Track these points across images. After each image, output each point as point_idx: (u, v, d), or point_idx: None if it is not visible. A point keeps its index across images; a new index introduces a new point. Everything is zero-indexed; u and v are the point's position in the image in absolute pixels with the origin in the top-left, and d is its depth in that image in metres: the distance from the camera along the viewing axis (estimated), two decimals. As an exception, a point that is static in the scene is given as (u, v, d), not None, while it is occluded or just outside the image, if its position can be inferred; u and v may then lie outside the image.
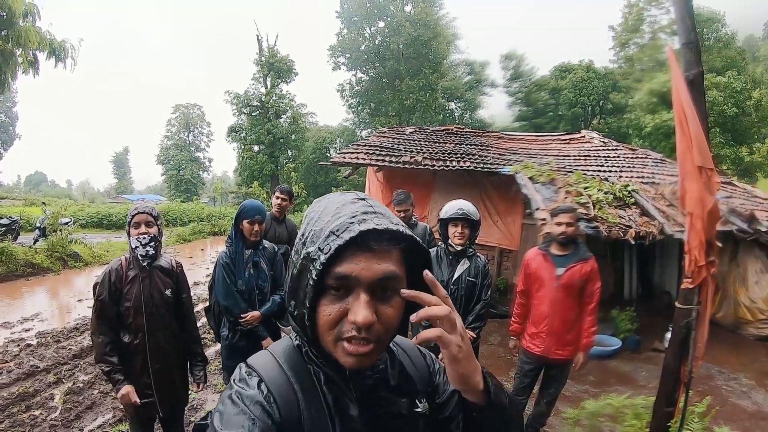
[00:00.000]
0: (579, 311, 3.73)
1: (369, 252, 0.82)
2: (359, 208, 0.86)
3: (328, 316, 0.83)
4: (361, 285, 0.81)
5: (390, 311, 0.85)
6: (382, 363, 0.99)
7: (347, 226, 0.81)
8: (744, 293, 7.11)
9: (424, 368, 1.10)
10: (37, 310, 8.53)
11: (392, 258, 0.85)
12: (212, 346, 6.64)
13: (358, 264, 0.81)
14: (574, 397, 5.07)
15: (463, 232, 3.36)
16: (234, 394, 0.86)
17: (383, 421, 0.95)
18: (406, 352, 1.11)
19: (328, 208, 0.88)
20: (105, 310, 2.90)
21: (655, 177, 8.05)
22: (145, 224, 2.93)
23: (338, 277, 0.81)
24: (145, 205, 2.99)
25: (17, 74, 10.51)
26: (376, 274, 0.82)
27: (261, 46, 35.85)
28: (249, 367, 0.92)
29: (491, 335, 7.02)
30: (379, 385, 0.97)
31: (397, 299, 0.85)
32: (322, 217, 0.87)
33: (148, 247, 2.95)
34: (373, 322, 0.81)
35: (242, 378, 0.90)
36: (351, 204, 0.88)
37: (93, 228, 23.63)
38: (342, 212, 0.85)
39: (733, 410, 4.93)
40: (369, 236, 0.81)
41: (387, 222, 0.84)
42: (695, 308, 2.77)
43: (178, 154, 52.32)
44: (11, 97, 47.81)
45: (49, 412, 4.65)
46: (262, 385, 0.87)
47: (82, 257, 13.43)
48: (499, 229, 8.69)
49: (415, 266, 0.90)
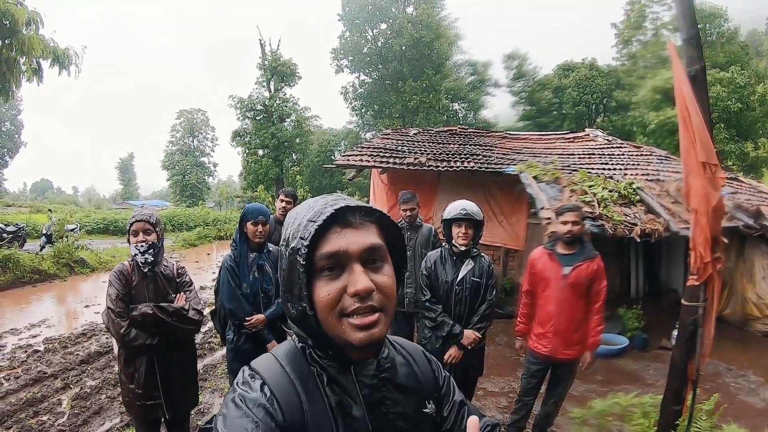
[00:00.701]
0: (585, 310, 3.71)
1: (350, 227, 0.87)
2: (329, 198, 0.93)
3: (327, 296, 0.85)
4: (351, 258, 0.86)
5: (384, 279, 0.88)
6: (388, 362, 1.01)
7: (321, 211, 0.87)
8: (751, 289, 7.07)
9: (430, 373, 1.12)
10: (44, 316, 8.56)
11: (372, 231, 0.90)
12: (218, 350, 6.65)
13: (344, 238, 0.86)
14: (581, 397, 5.05)
15: (466, 232, 3.35)
16: (237, 397, 0.86)
17: (388, 421, 0.96)
18: (412, 354, 1.12)
19: (301, 209, 0.93)
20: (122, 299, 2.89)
21: (660, 174, 8.02)
22: (143, 232, 2.95)
23: (329, 256, 0.85)
24: (143, 213, 3.00)
25: (21, 82, 10.56)
26: (364, 244, 0.87)
27: (264, 51, 36.03)
28: (252, 369, 0.92)
29: (497, 336, 7.00)
30: (385, 384, 0.97)
31: (388, 268, 0.91)
32: (298, 217, 0.91)
33: (147, 255, 2.96)
34: (373, 289, 0.85)
35: (245, 381, 0.90)
36: (321, 199, 0.94)
37: (99, 234, 23.70)
38: (315, 205, 0.91)
39: (742, 407, 4.89)
40: (345, 213, 0.87)
41: (357, 202, 0.91)
42: (701, 305, 2.76)
43: (183, 159, 52.55)
44: (16, 105, 48.05)
45: (56, 417, 4.65)
46: (265, 387, 0.87)
47: (89, 263, 13.47)
48: (504, 229, 8.68)
49: (394, 250, 0.96)
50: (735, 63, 28.00)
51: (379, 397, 0.95)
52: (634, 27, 35.13)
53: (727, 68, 26.73)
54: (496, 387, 5.47)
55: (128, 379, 2.99)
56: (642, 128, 27.96)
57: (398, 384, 1.01)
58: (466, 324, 3.45)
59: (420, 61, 36.29)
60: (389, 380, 0.99)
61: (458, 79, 40.36)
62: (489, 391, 5.34)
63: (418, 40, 35.26)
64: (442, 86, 37.43)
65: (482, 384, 5.28)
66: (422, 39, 35.32)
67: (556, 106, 35.89)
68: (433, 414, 1.05)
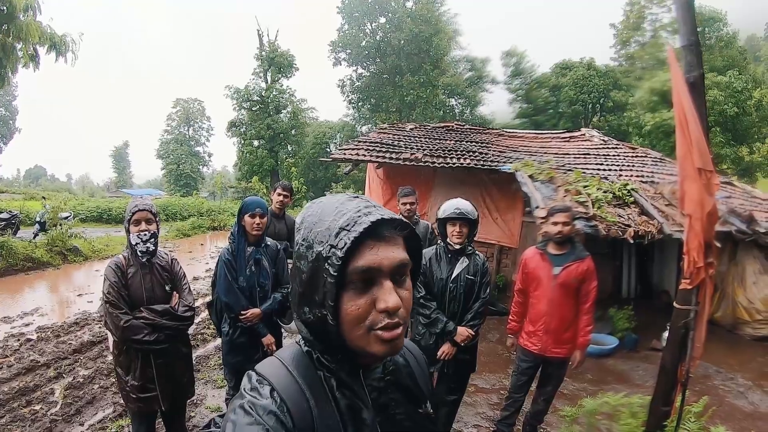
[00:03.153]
0: (576, 310, 3.76)
1: (383, 241, 0.85)
2: (359, 204, 0.89)
3: (357, 310, 0.84)
4: (383, 274, 0.84)
5: (406, 294, 0.88)
6: (392, 364, 1.01)
7: (356, 220, 0.84)
8: (742, 293, 7.13)
9: (426, 372, 1.14)
10: (37, 305, 8.54)
11: (401, 245, 0.89)
12: (211, 341, 6.66)
13: (378, 254, 0.84)
14: (571, 395, 5.10)
15: (461, 231, 3.37)
16: (246, 404, 0.84)
17: (395, 423, 0.97)
18: (414, 355, 1.14)
19: (326, 209, 0.90)
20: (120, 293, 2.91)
21: (655, 176, 8.07)
22: (145, 221, 2.96)
23: (362, 271, 0.83)
24: (145, 203, 3.01)
25: (18, 68, 10.49)
26: (395, 261, 0.85)
27: (262, 41, 35.88)
28: (259, 375, 0.90)
29: (490, 332, 7.04)
30: (390, 386, 0.98)
31: (408, 281, 0.90)
32: (324, 218, 0.88)
33: (149, 244, 2.98)
34: (401, 306, 0.85)
35: (254, 387, 0.88)
36: (349, 201, 0.90)
37: (92, 222, 23.65)
38: (344, 209, 0.87)
39: (730, 410, 4.96)
40: (382, 226, 0.85)
41: (390, 213, 0.88)
42: (693, 309, 2.79)
43: (178, 149, 52.36)
44: (11, 90, 47.61)
45: (49, 406, 4.65)
46: (275, 393, 0.86)
47: (82, 252, 13.42)
48: (499, 227, 8.71)
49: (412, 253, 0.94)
50: (733, 67, 28.12)
51: (385, 400, 0.96)
52: (633, 28, 35.26)
53: (725, 72, 26.83)
54: (488, 384, 5.52)
55: (124, 371, 3.01)
56: (638, 129, 28.08)
57: (401, 385, 1.02)
58: (459, 321, 3.47)
59: (418, 55, 36.27)
60: (393, 383, 1.00)
61: (456, 75, 40.35)
62: (480, 388, 5.38)
63: (417, 35, 35.23)
64: (439, 81, 37.44)
65: (474, 380, 5.31)
66: (421, 34, 35.30)
67: (552, 104, 35.96)
68: (429, 414, 1.06)
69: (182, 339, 3.25)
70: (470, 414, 4.75)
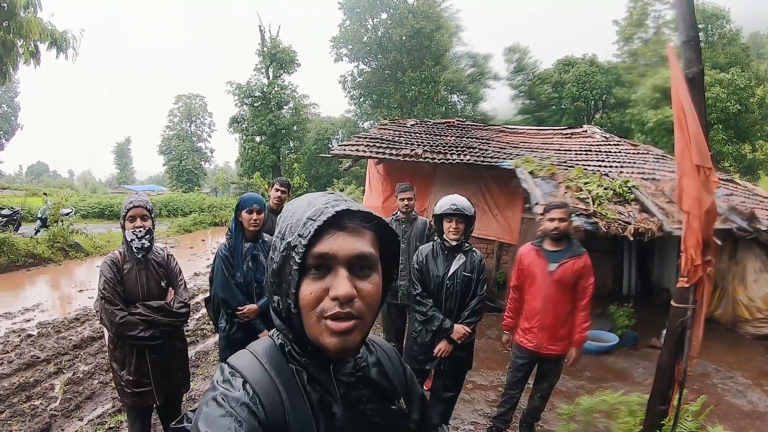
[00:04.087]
0: (572, 307, 3.76)
1: (343, 231, 0.88)
2: (331, 198, 0.92)
3: (310, 295, 0.86)
4: (339, 262, 0.86)
5: (369, 287, 0.89)
6: (364, 360, 1.03)
7: (322, 210, 0.87)
8: (742, 291, 7.11)
9: (400, 371, 1.16)
10: (38, 301, 8.57)
11: (366, 238, 0.90)
12: (211, 337, 6.68)
13: (335, 241, 0.86)
14: (569, 393, 5.10)
15: (457, 227, 3.36)
16: (219, 396, 0.85)
17: (365, 418, 0.98)
18: (386, 352, 1.16)
19: (301, 204, 0.94)
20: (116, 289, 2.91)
21: (656, 173, 8.04)
22: (141, 218, 2.96)
23: (317, 256, 0.86)
24: (140, 199, 3.01)
25: (18, 65, 10.49)
26: (353, 251, 0.87)
27: (263, 37, 35.79)
28: (232, 367, 0.91)
29: (489, 329, 7.05)
30: (361, 382, 1.00)
31: (375, 277, 0.91)
32: (297, 211, 0.91)
33: (144, 240, 2.99)
34: (353, 296, 0.85)
35: (226, 379, 0.89)
36: (322, 197, 0.94)
37: (94, 218, 23.67)
38: (315, 203, 0.91)
39: (728, 409, 4.94)
40: (344, 216, 0.88)
41: (358, 206, 0.91)
42: (691, 307, 2.78)
43: (180, 145, 52.36)
44: (13, 87, 47.63)
45: (49, 402, 4.67)
46: (247, 386, 0.87)
47: (83, 248, 13.47)
48: (499, 223, 8.69)
49: (388, 252, 0.98)
50: (735, 65, 27.98)
51: (356, 395, 0.98)
52: (636, 24, 35.14)
53: (728, 69, 26.72)
54: (486, 380, 5.51)
55: (119, 366, 3.01)
56: (640, 126, 28.03)
57: (372, 382, 1.04)
58: (456, 318, 3.46)
59: (420, 51, 36.11)
60: (364, 378, 1.01)
61: (458, 71, 40.25)
62: (478, 385, 5.38)
63: (419, 31, 35.08)
64: (441, 78, 37.29)
65: (471, 377, 5.33)
66: (422, 30, 35.13)
67: (555, 101, 35.95)
68: (403, 410, 1.08)
69: (177, 334, 3.25)
70: (468, 411, 4.75)
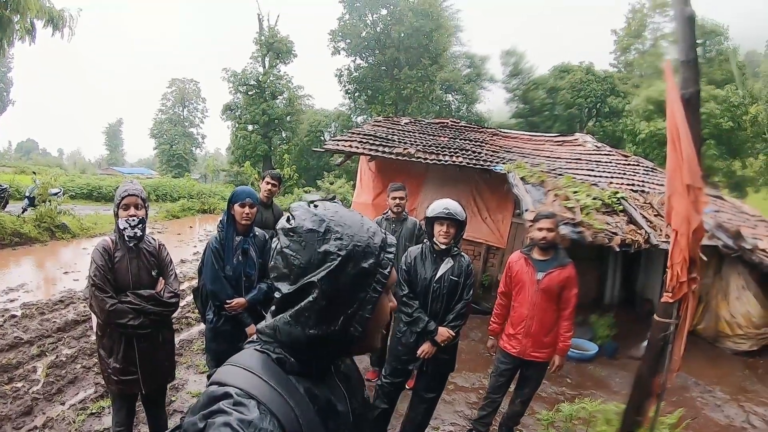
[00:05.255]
0: (557, 315, 3.83)
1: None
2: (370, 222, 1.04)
3: (387, 313, 1.04)
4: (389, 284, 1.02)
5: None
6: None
7: (390, 243, 1.04)
8: (725, 307, 7.20)
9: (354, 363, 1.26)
10: (23, 281, 8.46)
11: None
12: (195, 326, 6.67)
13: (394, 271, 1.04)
14: (550, 399, 5.16)
15: (448, 231, 3.39)
16: (235, 422, 0.80)
17: (356, 408, 1.06)
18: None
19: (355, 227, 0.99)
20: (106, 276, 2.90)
21: (646, 185, 8.12)
22: (134, 206, 2.95)
23: (392, 284, 1.04)
24: (135, 187, 3.00)
25: (14, 41, 10.37)
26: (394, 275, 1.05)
27: (261, 25, 35.64)
28: (239, 389, 0.87)
29: (472, 331, 7.08)
30: (347, 377, 1.09)
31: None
32: (357, 234, 0.98)
33: (137, 229, 2.98)
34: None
35: (237, 402, 0.84)
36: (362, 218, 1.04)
37: (82, 200, 23.43)
38: (374, 230, 1.02)
39: (705, 423, 5.02)
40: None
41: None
42: (674, 322, 2.82)
43: (172, 129, 52.12)
44: (7, 63, 47.12)
45: (31, 384, 4.65)
46: (262, 407, 0.85)
47: (70, 229, 13.28)
48: (488, 226, 8.74)
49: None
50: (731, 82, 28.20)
51: (349, 390, 1.05)
52: (634, 35, 35.35)
53: (723, 86, 26.95)
54: (467, 382, 5.56)
55: (107, 354, 3.01)
56: (632, 136, 28.19)
57: (350, 376, 1.12)
58: (441, 321, 3.50)
59: (417, 49, 36.02)
60: (346, 373, 1.10)
61: (454, 71, 40.31)
62: (459, 386, 5.43)
63: (418, 29, 35.00)
64: (437, 77, 37.29)
65: (453, 379, 5.36)
66: (421, 28, 35.05)
67: (549, 106, 36.07)
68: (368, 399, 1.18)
69: (166, 324, 3.26)
70: (448, 412, 4.80)
